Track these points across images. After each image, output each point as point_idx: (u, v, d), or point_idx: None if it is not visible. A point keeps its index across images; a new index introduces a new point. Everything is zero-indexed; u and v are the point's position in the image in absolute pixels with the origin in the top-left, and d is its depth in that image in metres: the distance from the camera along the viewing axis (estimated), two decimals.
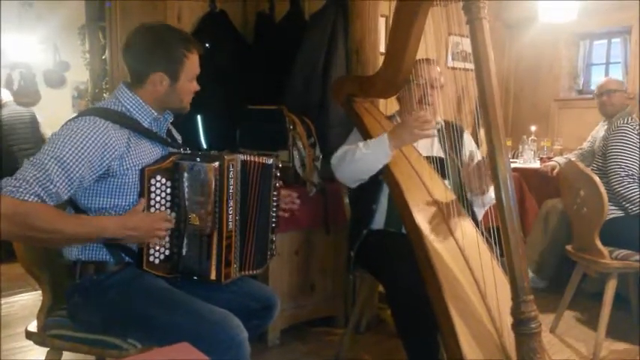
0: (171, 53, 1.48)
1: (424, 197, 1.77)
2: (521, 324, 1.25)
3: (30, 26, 5.73)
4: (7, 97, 4.19)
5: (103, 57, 4.19)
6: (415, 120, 1.78)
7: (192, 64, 1.52)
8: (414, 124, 1.77)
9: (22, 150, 3.93)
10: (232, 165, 1.50)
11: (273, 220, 1.67)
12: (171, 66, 1.49)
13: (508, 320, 1.30)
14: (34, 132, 4.14)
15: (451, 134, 2.02)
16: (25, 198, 1.25)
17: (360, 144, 1.90)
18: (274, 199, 1.66)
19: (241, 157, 1.55)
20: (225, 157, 1.49)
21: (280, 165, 1.69)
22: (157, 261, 1.46)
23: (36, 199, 1.27)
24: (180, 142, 1.66)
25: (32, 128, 4.17)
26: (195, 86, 1.57)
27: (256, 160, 1.59)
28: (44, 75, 6.08)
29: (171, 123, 1.64)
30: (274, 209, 1.67)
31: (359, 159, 1.87)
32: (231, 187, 1.50)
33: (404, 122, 1.82)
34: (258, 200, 1.60)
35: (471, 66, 1.32)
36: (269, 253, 1.68)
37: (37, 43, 5.89)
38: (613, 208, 2.44)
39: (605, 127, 3.27)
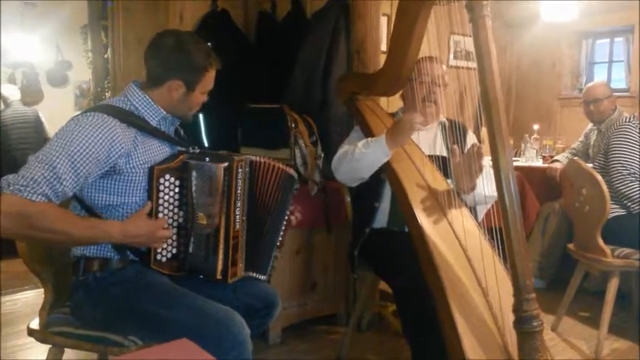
0: (193, 64, 1.49)
1: (426, 196, 1.77)
2: (523, 322, 1.25)
3: (33, 25, 5.75)
4: (13, 95, 4.20)
5: (106, 56, 4.20)
6: (408, 116, 1.79)
7: (209, 79, 1.54)
8: (406, 120, 1.78)
9: (23, 149, 3.95)
10: (241, 166, 1.51)
11: (281, 221, 1.68)
12: (191, 76, 1.50)
13: (510, 319, 1.30)
14: (38, 131, 4.16)
15: (454, 133, 2.02)
16: (33, 198, 1.25)
17: (360, 143, 1.90)
18: (288, 206, 1.68)
19: (250, 158, 1.56)
20: (235, 157, 1.49)
21: (297, 178, 1.72)
22: (164, 259, 1.47)
23: (43, 199, 1.26)
24: (187, 140, 1.66)
25: (36, 127, 4.19)
26: (204, 98, 1.58)
27: (265, 161, 1.59)
28: (47, 74, 6.10)
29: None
30: (283, 212, 1.67)
31: (358, 158, 1.88)
32: (239, 187, 1.50)
33: (398, 122, 1.83)
34: (266, 202, 1.61)
35: (472, 64, 1.31)
36: (273, 256, 1.69)
37: (39, 43, 5.91)
38: (615, 206, 2.43)
39: (596, 132, 3.28)
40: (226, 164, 1.46)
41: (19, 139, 4.05)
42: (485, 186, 1.82)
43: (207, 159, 1.47)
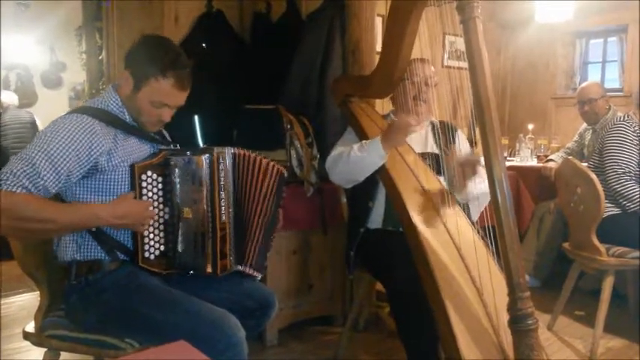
0: (141, 60, 1.47)
1: (421, 197, 1.78)
2: (518, 320, 1.25)
3: (27, 27, 5.73)
4: (10, 100, 4.21)
5: (100, 57, 4.18)
6: (403, 118, 1.80)
7: (160, 90, 1.46)
8: (401, 122, 1.79)
9: (20, 150, 3.94)
10: (222, 157, 1.52)
11: (272, 218, 1.67)
12: (137, 72, 1.47)
13: (505, 317, 1.30)
14: (34, 133, 4.15)
15: (445, 132, 2.03)
16: (13, 189, 1.26)
17: (355, 146, 1.91)
18: (278, 199, 1.68)
19: (231, 150, 1.57)
20: (215, 149, 1.51)
21: (285, 174, 1.72)
22: (152, 257, 1.47)
23: (24, 190, 1.27)
24: (169, 140, 1.66)
25: (32, 129, 4.19)
26: (162, 115, 1.50)
27: (248, 153, 1.60)
28: (41, 76, 6.08)
29: (167, 122, 1.61)
30: (273, 208, 1.67)
31: (354, 161, 1.88)
32: (222, 178, 1.52)
33: (393, 124, 1.84)
34: (252, 193, 1.61)
35: (465, 64, 1.32)
36: (267, 252, 1.69)
37: (34, 44, 5.90)
38: (610, 205, 2.44)
39: (590, 131, 3.30)
40: (207, 155, 1.48)
41: (16, 140, 4.06)
42: (479, 183, 1.83)
43: (188, 153, 1.48)
